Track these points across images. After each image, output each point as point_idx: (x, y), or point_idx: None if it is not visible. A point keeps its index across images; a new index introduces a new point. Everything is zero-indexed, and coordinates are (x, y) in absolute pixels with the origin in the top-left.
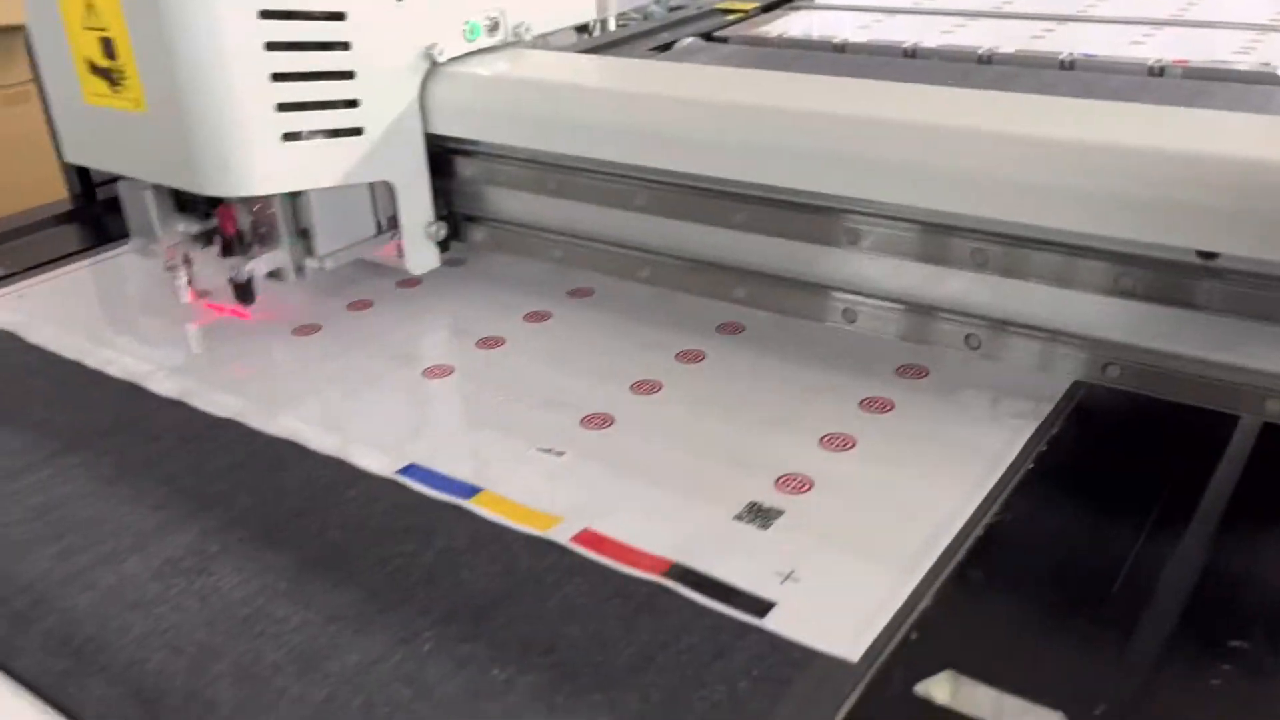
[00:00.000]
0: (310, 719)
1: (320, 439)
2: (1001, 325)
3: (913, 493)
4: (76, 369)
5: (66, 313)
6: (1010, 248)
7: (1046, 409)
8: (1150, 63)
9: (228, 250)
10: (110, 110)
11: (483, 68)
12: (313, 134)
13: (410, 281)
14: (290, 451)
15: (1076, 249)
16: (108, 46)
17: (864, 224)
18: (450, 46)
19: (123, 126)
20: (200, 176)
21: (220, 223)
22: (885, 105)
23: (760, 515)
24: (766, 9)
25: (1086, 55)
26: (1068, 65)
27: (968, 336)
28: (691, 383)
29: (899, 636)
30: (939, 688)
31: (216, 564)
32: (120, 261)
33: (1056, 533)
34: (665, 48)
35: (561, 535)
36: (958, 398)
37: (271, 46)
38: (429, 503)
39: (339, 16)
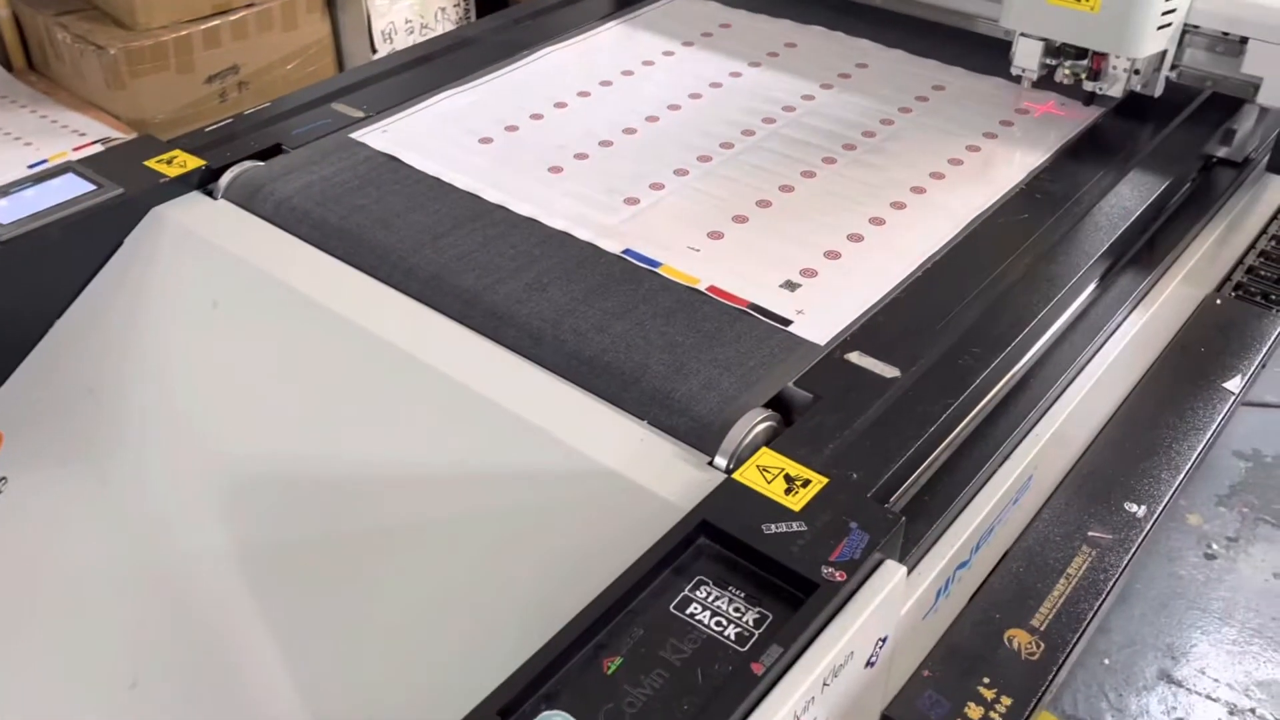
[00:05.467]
0: (586, 326)
1: (578, 231)
2: None
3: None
4: (437, 182)
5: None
6: None
7: None
8: None
9: (1091, 77)
10: (1065, 10)
11: None
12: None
13: None
14: (565, 237)
15: None
16: None
17: None
18: None
19: (1071, 14)
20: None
21: (1093, 62)
22: None
23: (790, 286)
24: None
25: None
26: None
27: None
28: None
29: (844, 338)
30: (853, 356)
31: (578, 297)
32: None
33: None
34: None
35: (701, 286)
36: None
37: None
38: (638, 268)
39: None
